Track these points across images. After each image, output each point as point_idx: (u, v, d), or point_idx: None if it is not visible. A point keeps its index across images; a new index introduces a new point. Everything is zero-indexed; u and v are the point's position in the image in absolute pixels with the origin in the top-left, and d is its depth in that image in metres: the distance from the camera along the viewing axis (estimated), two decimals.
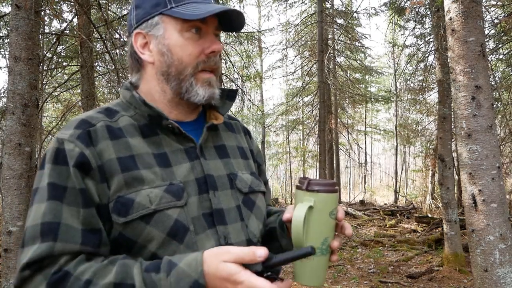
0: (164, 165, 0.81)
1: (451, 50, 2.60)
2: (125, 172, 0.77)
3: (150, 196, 0.76)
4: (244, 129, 1.06)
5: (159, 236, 0.75)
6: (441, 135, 5.70)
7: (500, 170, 2.47)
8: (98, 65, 7.40)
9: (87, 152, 0.76)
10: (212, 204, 0.83)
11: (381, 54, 16.25)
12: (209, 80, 0.87)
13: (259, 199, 0.94)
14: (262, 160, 1.08)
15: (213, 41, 0.86)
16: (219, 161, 0.90)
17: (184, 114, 0.91)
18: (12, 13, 2.92)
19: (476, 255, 2.48)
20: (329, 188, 0.75)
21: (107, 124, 0.81)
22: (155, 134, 0.84)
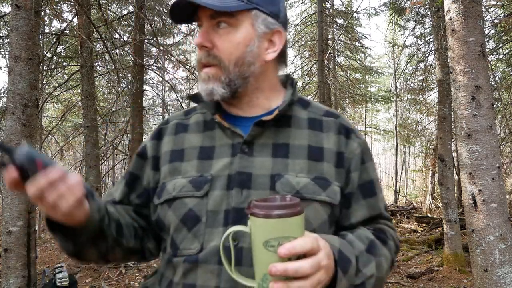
0: (204, 158, 0.85)
1: (451, 50, 2.59)
2: (171, 163, 0.88)
3: (176, 185, 0.84)
4: (341, 128, 0.89)
5: (174, 220, 0.82)
6: (441, 135, 5.70)
7: (500, 170, 2.47)
8: (98, 65, 7.40)
9: (149, 145, 0.94)
10: (232, 202, 0.80)
11: (381, 54, 16.24)
12: (203, 76, 0.84)
13: (310, 208, 0.79)
14: (358, 167, 0.88)
15: (198, 35, 0.83)
16: (268, 160, 0.83)
17: (239, 109, 0.90)
18: (12, 13, 2.92)
19: (476, 255, 2.48)
20: (268, 212, 0.58)
21: (178, 122, 0.94)
22: (212, 128, 0.89)
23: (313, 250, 0.61)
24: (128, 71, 6.41)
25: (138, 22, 5.85)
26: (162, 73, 7.73)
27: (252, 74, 0.85)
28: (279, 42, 0.87)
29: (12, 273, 2.86)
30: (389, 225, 0.93)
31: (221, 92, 0.83)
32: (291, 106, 0.88)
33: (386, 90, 14.44)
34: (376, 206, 0.89)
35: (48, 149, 10.37)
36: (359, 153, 0.88)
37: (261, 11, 0.83)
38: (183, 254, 0.80)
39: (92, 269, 5.29)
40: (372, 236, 0.84)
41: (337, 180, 0.84)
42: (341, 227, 0.87)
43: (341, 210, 0.86)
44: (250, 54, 0.83)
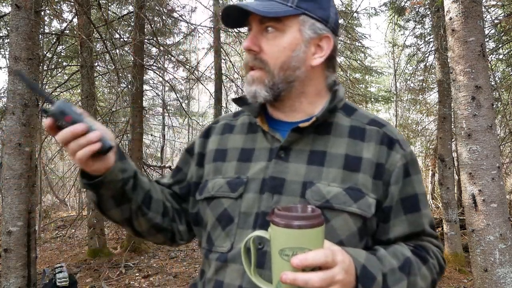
0: (244, 160, 0.89)
1: (451, 50, 2.59)
2: (214, 162, 0.93)
3: (215, 184, 0.89)
4: (384, 138, 0.85)
5: (211, 218, 0.87)
6: (441, 135, 5.70)
7: (500, 170, 2.47)
8: (98, 65, 7.40)
9: (197, 142, 1.00)
10: (261, 206, 0.82)
11: (381, 54, 16.24)
12: (249, 79, 0.86)
13: (339, 219, 0.78)
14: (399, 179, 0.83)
15: (246, 39, 0.85)
16: (303, 166, 0.83)
17: (281, 112, 0.91)
18: (12, 13, 2.92)
19: (476, 255, 2.48)
20: (285, 222, 0.60)
21: (226, 122, 0.99)
22: (255, 131, 0.92)
23: (327, 264, 0.60)
24: (128, 71, 6.41)
25: (138, 22, 5.85)
26: (162, 73, 7.72)
27: (297, 79, 0.85)
28: (327, 47, 0.86)
29: (12, 273, 2.86)
30: (433, 242, 0.89)
31: (264, 95, 0.84)
32: (332, 113, 0.87)
33: (386, 90, 14.44)
34: (419, 222, 0.85)
35: (48, 149, 10.37)
36: (401, 165, 0.84)
37: (310, 16, 0.84)
38: (217, 251, 0.85)
39: (92, 269, 5.29)
40: (410, 253, 0.81)
41: (374, 192, 0.81)
42: (378, 241, 0.85)
43: (378, 224, 0.84)
44: (295, 59, 0.84)
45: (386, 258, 0.76)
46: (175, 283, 4.81)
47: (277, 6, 0.81)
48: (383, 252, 0.78)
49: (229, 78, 8.61)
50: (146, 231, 0.94)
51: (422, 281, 0.80)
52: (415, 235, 0.86)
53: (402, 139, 0.87)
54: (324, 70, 0.90)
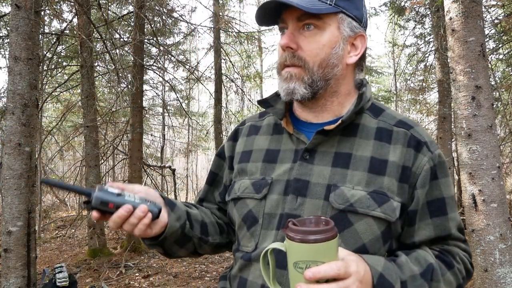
0: (269, 161, 0.90)
1: (451, 50, 2.59)
2: (240, 163, 0.94)
3: (241, 185, 0.90)
4: (412, 141, 0.84)
5: (238, 218, 0.90)
6: (441, 135, 5.70)
7: (500, 170, 2.47)
8: (98, 65, 7.40)
9: (226, 145, 1.02)
10: (285, 208, 0.82)
11: (381, 54, 16.25)
12: (285, 75, 0.84)
13: (362, 223, 0.78)
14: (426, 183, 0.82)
15: (283, 37, 0.84)
16: (327, 169, 0.82)
17: (308, 113, 0.90)
18: (12, 13, 2.92)
19: (476, 255, 2.48)
20: (298, 237, 0.62)
21: (251, 124, 1.00)
22: (281, 132, 0.92)
23: (339, 276, 0.61)
24: (128, 71, 6.41)
25: (138, 22, 5.85)
26: (162, 73, 7.72)
27: (334, 77, 0.85)
28: (361, 46, 0.87)
29: (12, 273, 2.86)
30: (461, 247, 0.87)
31: (302, 92, 0.83)
32: (359, 114, 0.87)
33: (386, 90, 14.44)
34: (445, 226, 0.84)
35: (48, 149, 10.37)
36: (428, 168, 0.82)
37: (347, 15, 0.84)
38: (243, 250, 0.88)
39: (92, 269, 5.29)
40: (433, 259, 0.80)
41: (399, 195, 0.80)
42: (403, 245, 0.85)
43: (403, 227, 0.83)
44: (335, 56, 0.84)
45: (407, 265, 0.76)
46: (175, 283, 4.81)
47: (317, 4, 0.81)
48: (404, 258, 0.77)
49: (229, 78, 8.61)
50: (210, 252, 1.01)
51: (446, 287, 0.79)
52: (441, 239, 0.85)
53: (431, 141, 0.86)
54: (355, 69, 0.90)
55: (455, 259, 0.84)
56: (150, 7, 6.09)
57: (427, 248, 0.83)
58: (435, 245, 0.85)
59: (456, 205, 0.88)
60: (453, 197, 0.87)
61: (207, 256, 6.13)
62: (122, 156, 8.30)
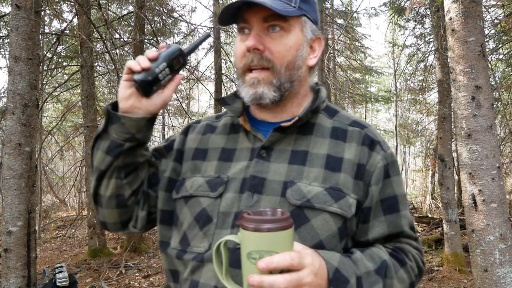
0: (225, 160, 0.88)
1: (451, 50, 2.59)
2: (193, 160, 0.92)
3: (194, 183, 0.87)
4: (366, 139, 0.86)
5: (189, 217, 0.85)
6: (441, 135, 5.70)
7: (500, 170, 2.47)
8: (98, 65, 7.40)
9: (177, 139, 0.98)
10: (240, 206, 0.81)
11: (381, 54, 16.24)
12: (252, 81, 0.83)
13: (319, 219, 0.78)
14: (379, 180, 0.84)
15: (249, 38, 0.82)
16: (284, 166, 0.83)
17: (266, 114, 0.91)
18: (12, 13, 2.92)
19: (476, 255, 2.48)
20: (253, 226, 0.60)
21: (207, 123, 0.98)
22: (237, 131, 0.92)
23: (293, 266, 0.60)
24: None
25: (138, 22, 5.85)
26: None
27: (298, 78, 0.86)
28: (319, 48, 0.90)
29: (12, 273, 2.86)
30: (413, 244, 0.88)
31: (272, 96, 0.83)
32: (315, 114, 0.89)
33: (386, 90, 14.45)
34: (398, 223, 0.85)
35: (48, 149, 10.37)
36: (382, 166, 0.84)
37: (308, 18, 0.86)
38: (193, 251, 0.83)
39: (92, 269, 5.29)
40: (387, 256, 0.81)
41: (355, 192, 0.81)
42: (357, 242, 0.85)
43: (358, 225, 0.84)
44: (300, 59, 0.85)
45: (362, 261, 0.76)
46: None
47: (285, 6, 0.81)
48: (359, 254, 0.78)
49: (229, 78, 8.61)
50: (108, 198, 0.89)
51: (399, 284, 0.80)
52: (394, 236, 0.86)
53: (383, 141, 0.89)
54: (310, 70, 0.92)
55: (408, 256, 0.85)
56: (150, 7, 6.09)
57: (380, 245, 0.84)
58: (388, 242, 0.86)
59: (407, 203, 0.90)
60: (405, 196, 0.89)
61: None
62: None
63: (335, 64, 13.12)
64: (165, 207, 0.91)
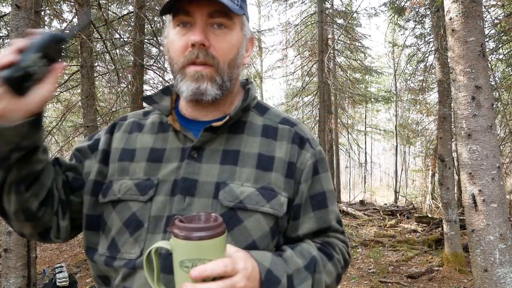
0: (154, 161, 0.84)
1: (451, 50, 2.60)
2: (120, 161, 0.86)
3: (122, 186, 0.83)
4: (296, 137, 0.87)
5: (118, 223, 0.81)
6: (441, 135, 5.70)
7: (500, 170, 2.47)
8: (98, 65, 7.40)
9: (102, 138, 0.91)
10: (172, 209, 0.78)
11: (381, 54, 16.26)
12: (195, 75, 0.80)
13: (252, 219, 0.78)
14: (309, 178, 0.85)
15: (194, 32, 0.79)
16: (216, 166, 0.81)
17: (199, 112, 0.88)
18: (12, 13, 2.92)
19: (476, 255, 2.48)
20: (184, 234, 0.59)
21: (134, 120, 0.93)
22: (166, 130, 0.88)
23: (227, 273, 0.60)
24: (128, 71, 6.41)
25: (138, 22, 5.86)
26: (162, 73, 7.72)
27: (237, 77, 0.86)
28: (251, 48, 0.91)
29: (12, 273, 2.86)
30: (339, 238, 0.91)
31: (214, 93, 0.81)
32: (246, 112, 0.89)
33: (386, 90, 14.47)
34: (326, 218, 0.88)
35: (48, 149, 10.36)
36: (311, 163, 0.86)
37: (246, 17, 0.88)
38: (124, 257, 0.79)
39: None
40: (315, 251, 0.82)
41: (285, 190, 0.82)
42: (288, 239, 0.86)
43: (289, 221, 0.85)
44: (240, 57, 0.85)
45: (292, 258, 0.77)
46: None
47: (230, 3, 0.79)
48: (289, 252, 0.79)
49: None
50: (14, 213, 0.79)
51: (327, 277, 0.82)
52: (322, 231, 0.88)
53: (312, 138, 0.90)
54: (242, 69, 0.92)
55: (335, 250, 0.87)
56: (150, 7, 6.09)
57: (310, 241, 0.85)
58: (317, 237, 0.88)
59: (335, 199, 0.92)
60: (332, 191, 0.91)
61: None
62: None
63: (335, 64, 13.13)
64: (91, 212, 0.85)
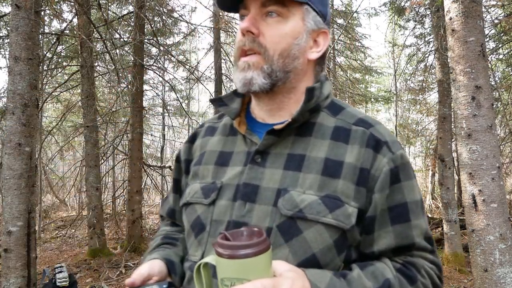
0: (221, 164, 0.84)
1: (451, 50, 2.59)
2: (195, 166, 0.90)
3: (191, 189, 0.86)
4: (371, 140, 0.77)
5: (187, 225, 0.85)
6: (441, 135, 5.70)
7: (500, 170, 2.47)
8: (98, 65, 7.40)
9: (182, 148, 0.96)
10: (233, 215, 0.76)
11: (381, 54, 16.24)
12: (243, 65, 0.78)
13: (312, 231, 0.71)
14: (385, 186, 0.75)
15: (243, 21, 0.78)
16: (279, 172, 0.76)
17: (264, 113, 0.85)
18: (12, 13, 2.92)
19: (476, 255, 2.48)
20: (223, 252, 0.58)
21: (209, 125, 0.95)
22: (236, 133, 0.87)
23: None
24: (128, 71, 6.41)
25: (138, 22, 5.85)
26: (162, 73, 7.72)
27: (294, 70, 0.80)
28: (323, 43, 0.84)
29: (12, 273, 2.86)
30: (428, 258, 0.79)
31: (261, 82, 0.77)
32: (315, 112, 0.81)
33: (386, 90, 14.44)
34: (408, 234, 0.76)
35: (48, 149, 10.37)
36: (388, 170, 0.75)
37: (312, 8, 0.80)
38: (190, 259, 0.82)
39: (92, 269, 5.29)
40: (392, 273, 0.72)
41: (356, 200, 0.73)
42: (363, 254, 0.77)
43: (361, 235, 0.76)
44: (296, 48, 0.79)
45: (360, 280, 0.69)
46: None
47: None
48: (356, 273, 0.70)
49: (229, 78, 8.60)
50: None
51: None
52: (404, 249, 0.77)
53: (393, 141, 0.79)
54: (315, 67, 0.86)
55: (420, 272, 0.76)
56: (150, 7, 6.09)
57: (387, 260, 0.76)
58: (397, 256, 0.77)
59: (422, 211, 0.79)
60: (418, 202, 0.78)
61: None
62: (122, 156, 8.31)
63: (335, 64, 13.12)
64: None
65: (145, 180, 7.37)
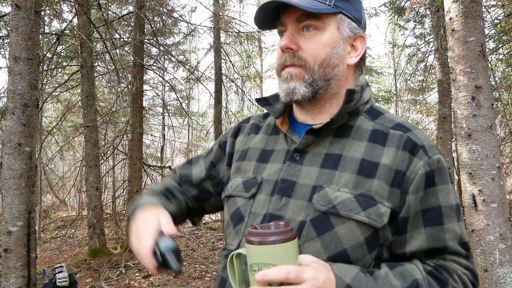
0: (262, 161, 0.90)
1: (451, 50, 2.59)
2: (237, 161, 0.95)
3: (233, 183, 0.92)
4: (407, 144, 0.79)
5: (227, 216, 0.91)
6: (441, 135, 5.70)
7: (500, 170, 2.47)
8: (98, 65, 7.39)
9: (228, 141, 1.01)
10: (269, 208, 0.81)
11: (381, 54, 16.25)
12: (286, 75, 0.83)
13: (344, 227, 0.74)
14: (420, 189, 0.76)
15: (282, 39, 0.84)
16: (316, 169, 0.80)
17: (306, 116, 0.89)
18: (12, 13, 2.92)
19: (476, 255, 2.48)
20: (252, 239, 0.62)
21: (254, 123, 1.00)
22: (278, 133, 0.93)
23: (289, 280, 0.60)
24: (128, 71, 6.41)
25: (138, 22, 5.85)
26: (162, 73, 7.72)
27: (335, 77, 0.84)
28: (361, 47, 0.87)
29: (12, 273, 2.86)
30: (462, 263, 0.79)
31: (303, 91, 0.82)
32: (355, 116, 0.85)
33: (386, 90, 14.45)
34: (440, 237, 0.77)
35: (48, 149, 10.37)
36: (423, 173, 0.77)
37: (346, 16, 0.84)
38: (228, 248, 0.88)
39: (92, 269, 5.29)
40: (422, 275, 0.73)
41: (389, 200, 0.76)
42: (395, 255, 0.79)
43: (394, 235, 0.78)
44: (335, 56, 0.83)
45: (387, 278, 0.71)
46: (175, 283, 4.81)
47: (317, 4, 0.80)
48: (384, 271, 0.73)
49: (229, 78, 8.60)
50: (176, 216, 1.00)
51: None
52: (436, 252, 0.78)
53: (430, 145, 0.80)
54: (355, 71, 0.89)
55: (452, 277, 0.77)
56: (150, 7, 6.09)
57: (418, 262, 0.77)
58: (430, 259, 0.79)
59: (457, 216, 0.80)
60: (453, 207, 0.79)
61: (207, 256, 6.13)
62: (122, 156, 8.30)
63: None
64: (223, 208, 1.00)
65: (145, 180, 7.37)
